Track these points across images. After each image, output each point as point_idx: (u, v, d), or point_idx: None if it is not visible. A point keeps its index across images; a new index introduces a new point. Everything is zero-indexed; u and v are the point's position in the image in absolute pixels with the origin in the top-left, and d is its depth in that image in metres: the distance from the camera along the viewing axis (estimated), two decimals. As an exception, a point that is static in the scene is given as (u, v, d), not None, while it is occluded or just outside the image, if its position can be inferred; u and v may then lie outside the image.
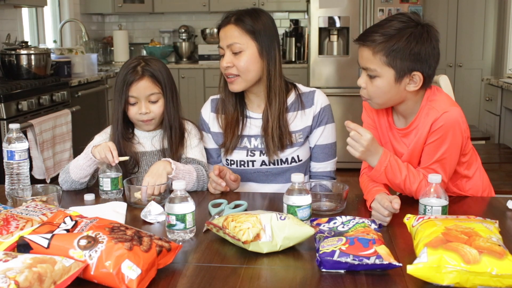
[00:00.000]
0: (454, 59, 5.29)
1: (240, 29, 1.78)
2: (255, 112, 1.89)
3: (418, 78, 1.53)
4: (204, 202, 1.62)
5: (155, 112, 1.81)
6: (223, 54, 1.81)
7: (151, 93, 1.79)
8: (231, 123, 1.87)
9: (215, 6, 5.32)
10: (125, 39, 5.35)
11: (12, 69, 3.47)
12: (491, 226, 1.16)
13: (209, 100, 2.00)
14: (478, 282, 1.02)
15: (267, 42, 1.79)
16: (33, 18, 4.52)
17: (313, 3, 4.64)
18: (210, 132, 1.93)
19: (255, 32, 1.78)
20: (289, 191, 1.37)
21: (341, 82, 4.74)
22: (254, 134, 1.87)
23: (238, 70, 1.78)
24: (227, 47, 1.79)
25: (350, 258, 1.10)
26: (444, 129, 1.54)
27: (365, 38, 1.55)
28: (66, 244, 1.06)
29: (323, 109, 1.87)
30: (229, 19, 1.81)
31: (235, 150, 1.87)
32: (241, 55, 1.78)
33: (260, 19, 1.80)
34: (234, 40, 1.78)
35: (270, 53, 1.80)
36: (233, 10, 1.84)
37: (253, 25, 1.78)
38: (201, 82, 5.13)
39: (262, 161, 1.86)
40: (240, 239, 1.20)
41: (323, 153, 1.90)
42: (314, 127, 1.87)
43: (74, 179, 1.73)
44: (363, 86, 1.59)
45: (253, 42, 1.78)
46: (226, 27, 1.80)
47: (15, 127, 1.63)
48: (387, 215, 1.41)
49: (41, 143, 3.09)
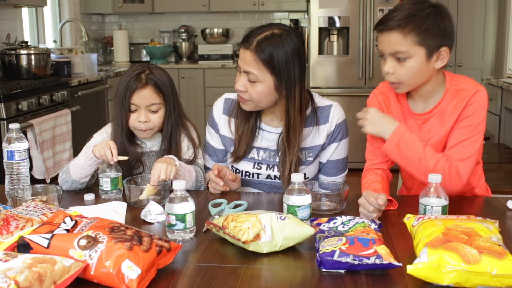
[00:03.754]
0: (454, 59, 5.28)
1: (257, 59, 1.63)
2: (267, 125, 1.80)
3: (445, 53, 1.59)
4: (204, 202, 1.62)
5: (154, 122, 1.79)
6: (240, 71, 1.70)
7: (152, 103, 1.77)
8: (246, 133, 1.79)
9: (215, 6, 5.32)
10: (125, 39, 5.35)
11: (12, 69, 3.46)
12: (491, 226, 1.16)
13: (223, 98, 1.88)
14: (478, 282, 1.02)
15: (286, 76, 1.65)
16: (33, 18, 4.52)
17: (313, 3, 4.64)
18: (219, 134, 1.87)
19: (274, 66, 1.63)
20: (289, 191, 1.37)
21: (341, 82, 4.74)
22: (264, 147, 1.81)
23: (250, 98, 1.68)
24: (244, 72, 1.67)
25: (350, 258, 1.10)
26: (478, 105, 1.59)
27: (390, 23, 1.56)
28: (66, 244, 1.06)
29: (338, 126, 1.78)
30: (251, 43, 1.64)
31: (242, 160, 1.83)
32: (256, 85, 1.66)
33: (283, 49, 1.63)
34: (250, 69, 1.65)
35: (289, 90, 1.66)
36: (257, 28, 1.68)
37: (272, 56, 1.62)
38: (201, 82, 5.13)
39: (268, 175, 1.82)
40: (240, 239, 1.20)
41: (334, 168, 1.84)
42: (327, 145, 1.79)
43: (74, 179, 1.73)
44: (391, 72, 1.59)
45: (270, 75, 1.64)
46: (245, 51, 1.65)
47: (15, 127, 1.63)
48: (372, 210, 1.41)
49: (41, 143, 3.09)
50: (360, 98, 4.73)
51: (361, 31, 4.64)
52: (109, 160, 1.65)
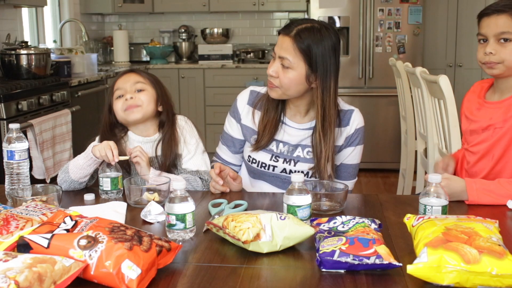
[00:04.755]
0: (454, 59, 5.29)
1: (295, 46, 1.68)
2: (290, 120, 1.84)
3: None
4: (204, 202, 1.62)
5: (141, 99, 1.81)
6: (274, 58, 1.75)
7: (136, 81, 1.82)
8: (271, 123, 1.82)
9: (215, 6, 5.32)
10: (125, 39, 5.35)
11: (12, 69, 3.46)
12: (491, 226, 1.16)
13: (249, 90, 1.91)
14: (478, 282, 1.02)
15: (321, 68, 1.70)
16: (33, 18, 4.52)
17: (313, 3, 4.64)
18: (241, 124, 1.89)
19: (310, 56, 1.68)
20: (289, 191, 1.37)
21: (341, 82, 4.66)
22: (284, 141, 1.84)
23: (280, 83, 1.72)
24: (279, 57, 1.72)
25: (350, 258, 1.10)
26: None
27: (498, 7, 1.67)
28: (66, 244, 1.06)
29: (357, 131, 1.83)
30: (291, 29, 1.70)
31: (261, 151, 1.85)
32: (289, 71, 1.70)
33: (321, 43, 1.68)
34: (286, 55, 1.69)
35: (325, 81, 1.71)
36: (300, 19, 1.76)
37: (310, 46, 1.68)
38: (201, 82, 5.12)
39: (283, 169, 1.84)
40: (240, 239, 1.20)
41: (346, 172, 1.87)
42: (344, 147, 1.83)
43: (73, 179, 1.73)
44: (494, 52, 1.68)
45: (304, 64, 1.69)
46: (284, 37, 1.71)
47: (15, 127, 1.63)
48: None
49: (41, 143, 3.09)
50: (360, 98, 4.74)
51: (361, 31, 4.64)
52: (110, 160, 1.66)
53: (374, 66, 4.68)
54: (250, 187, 1.91)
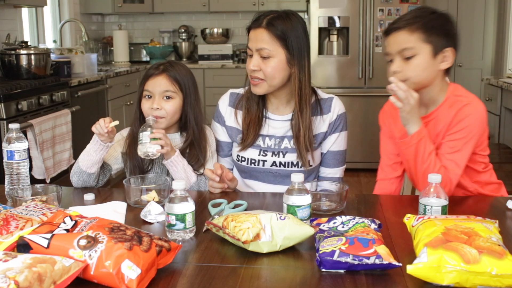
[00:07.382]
0: (454, 59, 5.29)
1: (270, 34, 1.75)
2: (273, 114, 1.89)
3: (450, 54, 1.64)
4: (204, 202, 1.62)
5: (167, 110, 1.80)
6: (251, 54, 1.79)
7: (166, 89, 1.80)
8: (254, 121, 1.87)
9: (215, 6, 5.32)
10: (125, 39, 5.35)
11: (12, 69, 3.46)
12: (491, 226, 1.16)
13: (228, 93, 1.97)
14: (478, 282, 1.02)
15: (297, 49, 1.77)
16: (33, 18, 4.52)
17: (313, 3, 4.64)
18: (225, 126, 1.93)
19: (286, 39, 1.75)
20: (289, 191, 1.37)
21: (341, 82, 4.74)
22: (269, 134, 1.87)
23: (265, 75, 1.77)
24: (256, 50, 1.77)
25: (350, 258, 1.10)
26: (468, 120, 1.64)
27: (398, 24, 1.64)
28: (66, 244, 1.06)
29: (339, 116, 1.88)
30: (261, 21, 1.77)
31: (249, 148, 1.88)
32: (269, 60, 1.76)
33: (292, 25, 1.76)
34: (263, 45, 1.75)
35: (300, 61, 1.78)
36: (265, 11, 1.81)
37: (284, 31, 1.75)
38: (201, 82, 5.12)
39: (273, 162, 1.86)
40: (240, 239, 1.20)
41: (334, 159, 1.91)
42: (329, 134, 1.88)
43: (82, 169, 1.75)
44: (399, 70, 1.65)
45: (282, 49, 1.75)
46: (256, 30, 1.77)
47: (15, 127, 1.63)
48: None
49: (41, 143, 3.09)
50: (360, 98, 4.73)
51: (361, 31, 4.64)
52: (102, 127, 1.68)
53: (374, 66, 4.67)
54: (242, 187, 1.92)
